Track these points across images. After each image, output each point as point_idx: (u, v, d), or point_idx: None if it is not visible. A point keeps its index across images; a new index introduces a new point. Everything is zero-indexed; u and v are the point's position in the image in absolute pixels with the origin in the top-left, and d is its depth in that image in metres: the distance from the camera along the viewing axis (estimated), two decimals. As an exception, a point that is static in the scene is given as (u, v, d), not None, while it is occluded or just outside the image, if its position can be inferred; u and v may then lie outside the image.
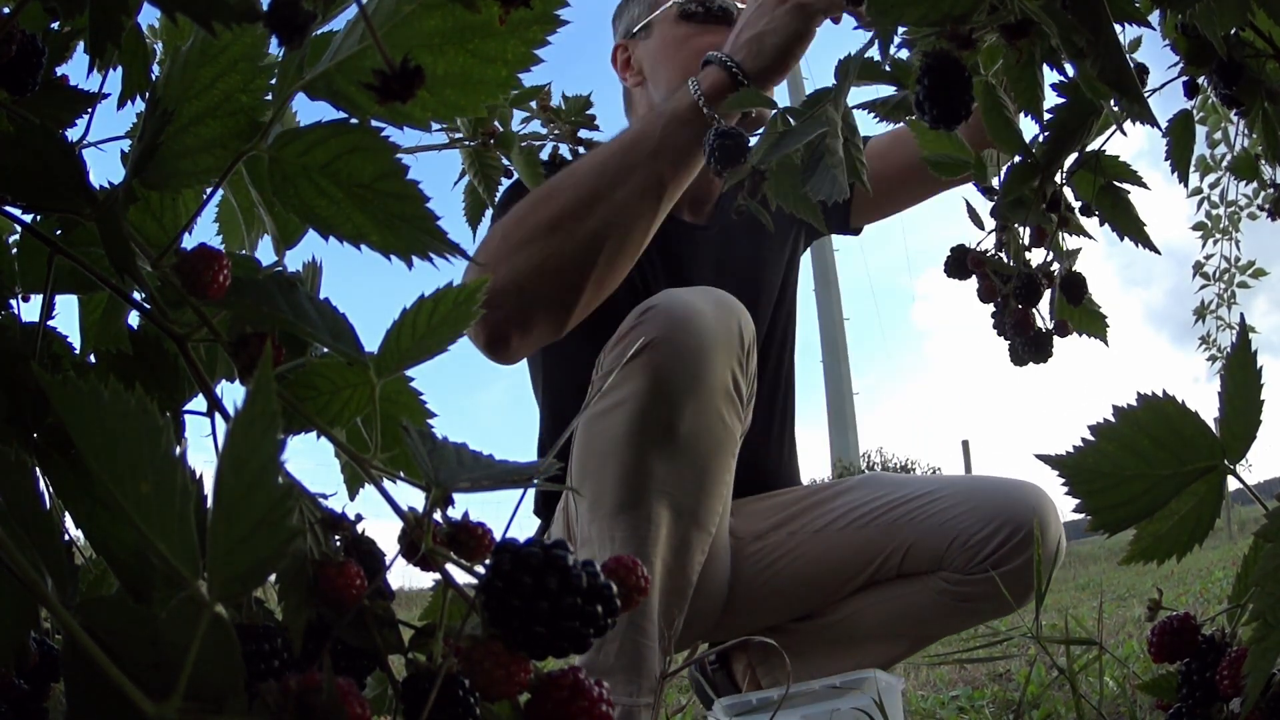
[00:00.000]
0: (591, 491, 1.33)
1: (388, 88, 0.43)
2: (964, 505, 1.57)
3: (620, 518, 1.30)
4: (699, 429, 1.31)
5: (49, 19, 0.61)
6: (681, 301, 1.32)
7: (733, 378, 1.34)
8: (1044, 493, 1.58)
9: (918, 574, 1.60)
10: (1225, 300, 3.57)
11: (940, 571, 1.57)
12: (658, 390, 1.28)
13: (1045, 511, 1.54)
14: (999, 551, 1.51)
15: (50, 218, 0.58)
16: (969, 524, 1.54)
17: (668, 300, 1.33)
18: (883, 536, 1.61)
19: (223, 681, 0.34)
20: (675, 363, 1.28)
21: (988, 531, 1.53)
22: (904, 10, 0.68)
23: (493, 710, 0.42)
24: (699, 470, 1.33)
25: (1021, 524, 1.51)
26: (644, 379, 1.29)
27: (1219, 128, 2.64)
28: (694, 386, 1.29)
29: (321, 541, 0.47)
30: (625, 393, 1.30)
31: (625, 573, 0.45)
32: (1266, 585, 0.56)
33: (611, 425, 1.31)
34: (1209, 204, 3.21)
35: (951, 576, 1.56)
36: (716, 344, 1.31)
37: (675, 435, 1.30)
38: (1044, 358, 0.95)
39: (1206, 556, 5.28)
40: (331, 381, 0.58)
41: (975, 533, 1.53)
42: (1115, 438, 0.65)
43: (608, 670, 1.27)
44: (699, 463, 1.33)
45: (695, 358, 1.29)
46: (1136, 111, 0.73)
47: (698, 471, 1.33)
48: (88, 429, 0.35)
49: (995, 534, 1.52)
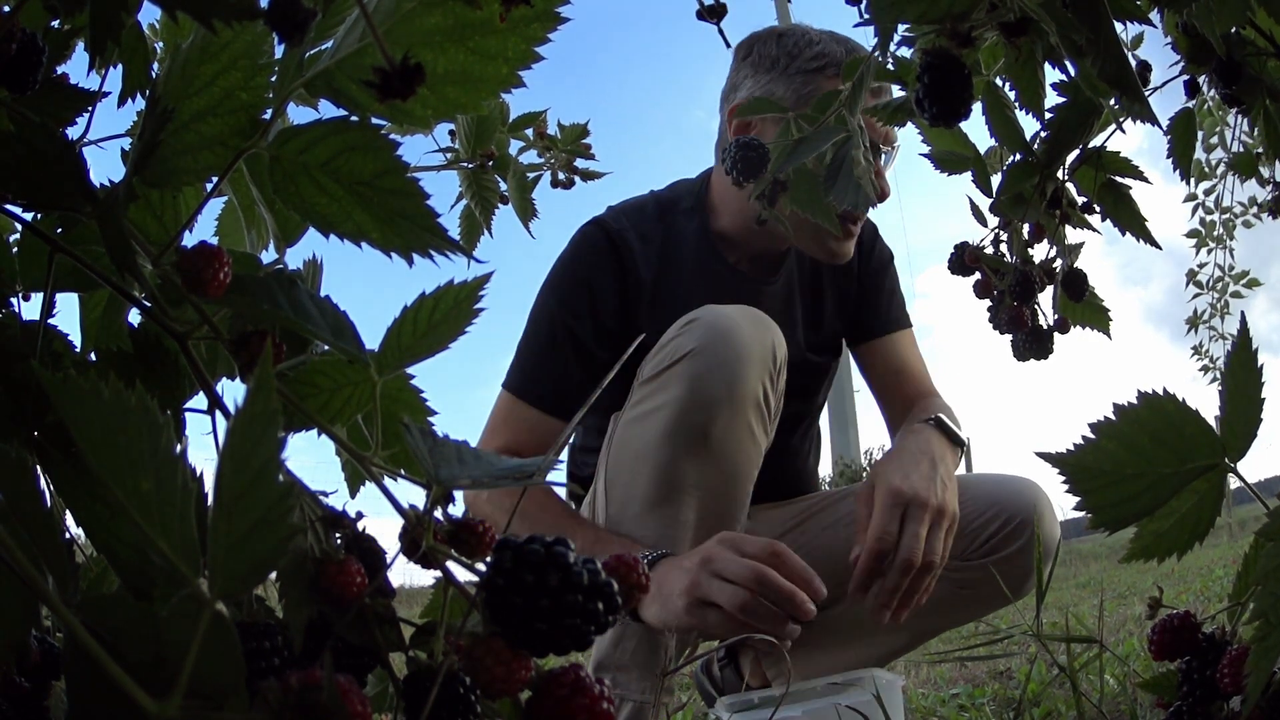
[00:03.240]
0: (623, 491, 1.39)
1: (388, 85, 0.43)
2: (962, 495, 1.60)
3: (650, 515, 1.35)
4: (730, 437, 1.37)
5: (49, 17, 0.61)
6: (723, 315, 1.39)
7: (764, 391, 1.40)
8: (1040, 489, 1.61)
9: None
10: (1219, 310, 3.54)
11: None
12: (695, 396, 1.34)
13: (1041, 505, 1.57)
14: (995, 538, 1.56)
15: (51, 216, 0.58)
16: (966, 512, 1.57)
17: (709, 314, 1.40)
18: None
19: (224, 679, 0.34)
20: (713, 372, 1.35)
21: (984, 519, 1.57)
22: (904, 8, 0.68)
23: (494, 708, 0.42)
24: (727, 476, 1.38)
25: (1016, 512, 1.55)
26: (682, 386, 1.35)
27: (1214, 131, 2.63)
28: (729, 396, 1.35)
29: (322, 539, 0.47)
30: (664, 399, 1.37)
31: (626, 570, 0.45)
32: (1267, 584, 0.56)
33: (648, 428, 1.37)
34: (1203, 210, 3.19)
35: (950, 563, 1.57)
36: (752, 358, 1.38)
37: (708, 440, 1.35)
38: (1044, 354, 0.95)
39: (1207, 555, 5.27)
40: (332, 379, 0.58)
41: (972, 520, 1.57)
42: (1116, 436, 0.65)
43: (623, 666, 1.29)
44: (727, 469, 1.38)
45: (731, 369, 1.36)
46: (1137, 110, 0.73)
47: (726, 477, 1.38)
48: (88, 427, 0.35)
49: (991, 521, 1.56)
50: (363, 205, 0.54)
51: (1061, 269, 0.96)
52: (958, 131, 0.96)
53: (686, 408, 1.34)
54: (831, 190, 0.81)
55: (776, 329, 1.45)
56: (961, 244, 0.99)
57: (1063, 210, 0.93)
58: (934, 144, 0.98)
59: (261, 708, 0.34)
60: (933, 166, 0.99)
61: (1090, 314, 0.99)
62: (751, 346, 1.38)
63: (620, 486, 1.39)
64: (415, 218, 0.53)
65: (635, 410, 1.41)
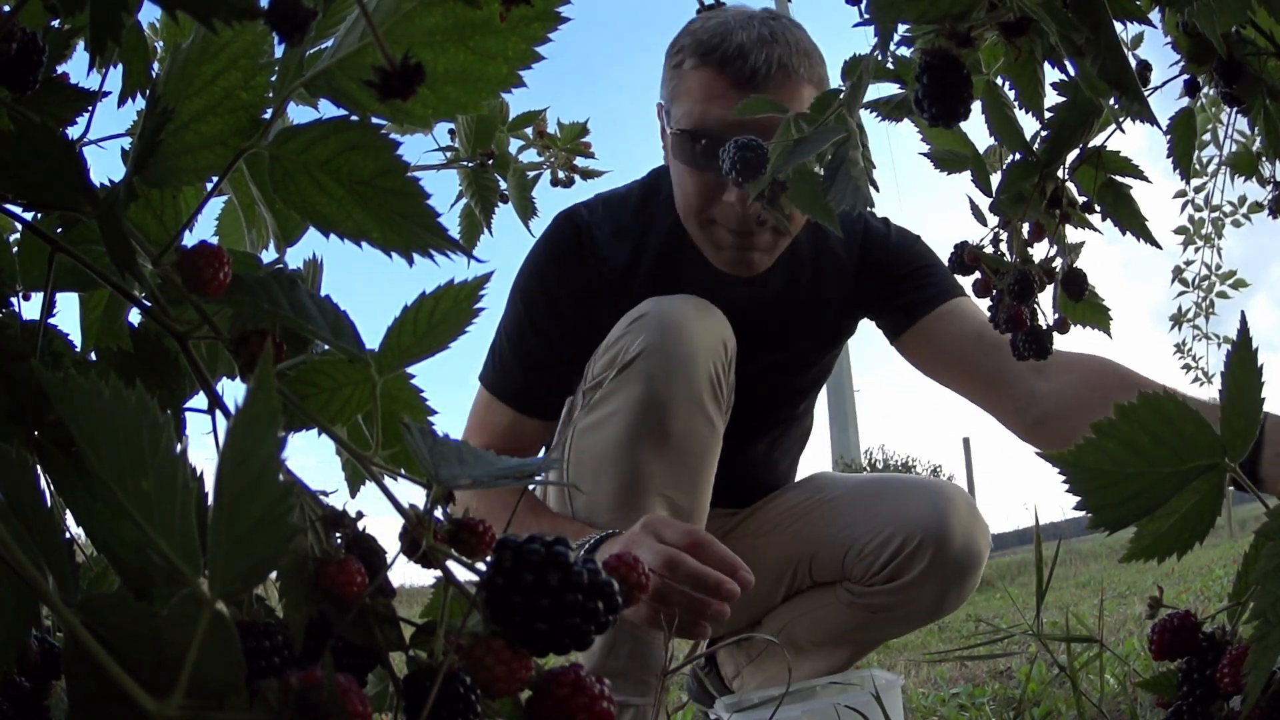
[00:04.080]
0: (587, 499, 1.35)
1: (388, 85, 0.43)
2: (859, 512, 1.54)
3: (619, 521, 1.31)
4: (691, 430, 1.34)
5: (49, 17, 0.61)
6: (668, 308, 1.36)
7: (717, 377, 1.37)
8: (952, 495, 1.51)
9: (827, 584, 1.58)
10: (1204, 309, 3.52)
11: (844, 582, 1.55)
12: (652, 396, 1.31)
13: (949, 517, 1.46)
14: (893, 562, 1.47)
15: (51, 215, 0.58)
16: (861, 533, 1.51)
17: (654, 308, 1.37)
18: (794, 544, 1.60)
19: (224, 679, 0.34)
20: (668, 369, 1.32)
21: (879, 540, 1.49)
22: (903, 8, 0.68)
23: (494, 707, 0.42)
24: (692, 470, 1.36)
25: (914, 532, 1.46)
26: (639, 386, 1.32)
27: (1207, 129, 2.63)
28: (686, 390, 1.33)
29: (322, 539, 0.47)
30: (619, 403, 1.33)
31: (626, 570, 0.45)
32: (1267, 583, 0.56)
33: (607, 434, 1.33)
34: (1193, 208, 3.18)
35: (854, 588, 1.53)
36: (703, 349, 1.35)
37: (669, 436, 1.32)
38: (1043, 353, 0.95)
39: (1207, 554, 5.27)
40: (333, 379, 0.58)
41: (867, 542, 1.50)
42: (1116, 435, 0.65)
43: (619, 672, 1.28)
44: (691, 462, 1.36)
45: (685, 364, 1.33)
46: (1136, 110, 0.73)
47: (690, 471, 1.36)
48: (89, 426, 0.35)
49: (887, 543, 1.48)
50: (363, 205, 0.54)
51: (1061, 268, 0.96)
52: (957, 131, 0.96)
53: (645, 407, 1.31)
54: (830, 191, 0.81)
55: (721, 315, 1.40)
56: (961, 243, 0.99)
57: (1063, 210, 0.93)
58: (933, 143, 0.98)
59: (261, 707, 0.34)
60: (932, 166, 0.99)
61: (1090, 313, 0.99)
62: (700, 337, 1.35)
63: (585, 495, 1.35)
64: (415, 217, 0.53)
65: (590, 417, 1.36)
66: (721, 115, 1.37)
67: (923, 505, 1.48)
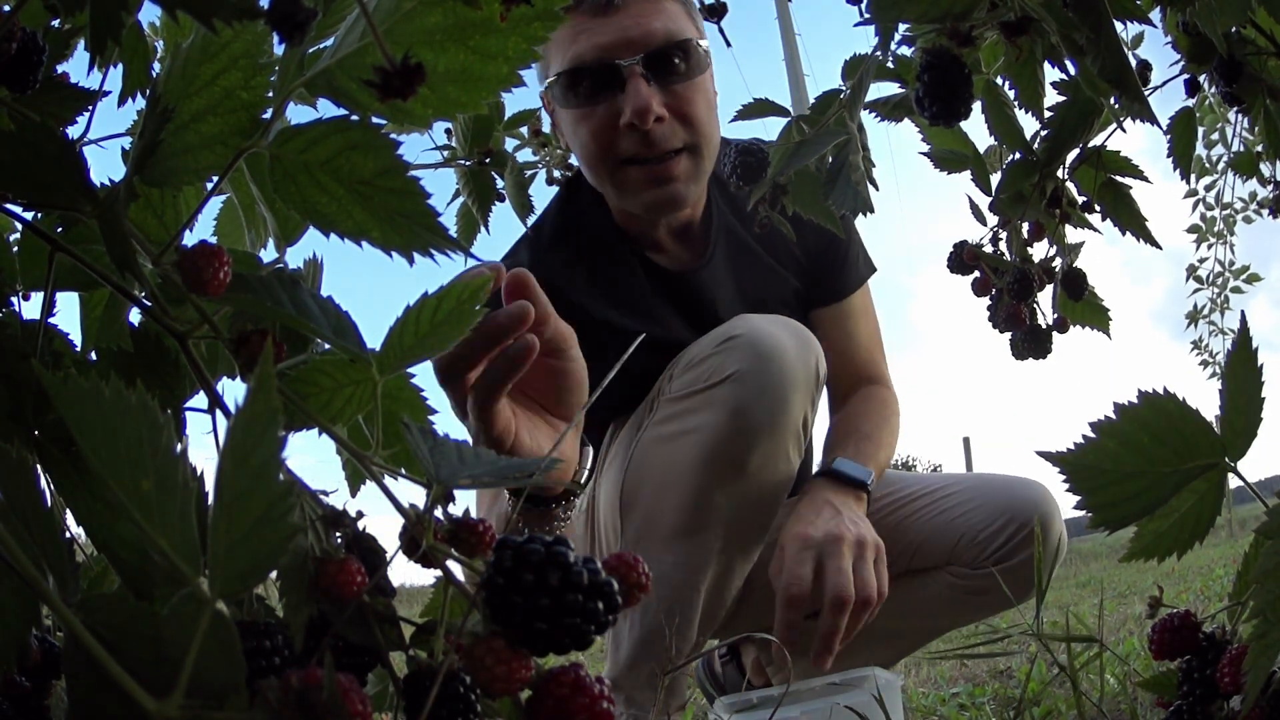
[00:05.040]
0: (644, 513, 1.33)
1: (389, 84, 0.43)
2: (971, 503, 1.59)
3: (674, 544, 1.30)
4: (768, 466, 1.31)
5: (49, 16, 0.61)
6: (766, 334, 1.31)
7: (804, 417, 1.35)
8: (1047, 490, 1.60)
9: (926, 570, 1.62)
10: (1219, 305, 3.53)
11: (950, 566, 1.59)
12: (737, 424, 1.27)
13: (1048, 509, 1.56)
14: (1005, 547, 1.54)
15: (51, 215, 0.58)
16: (976, 520, 1.56)
17: (751, 331, 1.32)
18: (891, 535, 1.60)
19: (224, 678, 0.34)
20: (758, 400, 1.28)
21: (994, 528, 1.55)
22: (904, 8, 0.68)
23: (494, 707, 0.42)
24: (760, 508, 1.34)
25: (1026, 520, 1.53)
26: (723, 412, 1.28)
27: (1215, 128, 2.63)
28: (772, 426, 1.29)
29: (322, 538, 0.47)
30: (699, 422, 1.30)
31: (627, 569, 0.45)
32: (1267, 582, 0.56)
33: (678, 452, 1.30)
34: (1204, 206, 3.19)
35: (960, 571, 1.58)
36: (798, 383, 1.31)
37: (745, 471, 1.29)
38: (1043, 353, 0.95)
39: (1207, 554, 5.27)
40: (333, 378, 0.58)
41: (982, 529, 1.55)
42: (1116, 435, 0.65)
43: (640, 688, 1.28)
44: (763, 499, 1.33)
45: (777, 397, 1.29)
46: (1136, 110, 0.73)
47: (758, 509, 1.33)
48: (89, 426, 0.35)
49: (1002, 530, 1.55)
50: (363, 204, 0.54)
51: (1061, 268, 0.96)
52: (957, 130, 0.96)
53: (727, 436, 1.27)
54: (831, 195, 0.81)
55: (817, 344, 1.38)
56: (960, 242, 0.99)
57: (1062, 209, 0.93)
58: (933, 143, 0.98)
59: (262, 707, 0.34)
60: (932, 165, 0.99)
61: (1089, 313, 0.99)
62: (796, 369, 1.30)
63: (642, 508, 1.33)
64: (415, 217, 0.53)
65: (662, 429, 1.34)
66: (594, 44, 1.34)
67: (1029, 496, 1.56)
